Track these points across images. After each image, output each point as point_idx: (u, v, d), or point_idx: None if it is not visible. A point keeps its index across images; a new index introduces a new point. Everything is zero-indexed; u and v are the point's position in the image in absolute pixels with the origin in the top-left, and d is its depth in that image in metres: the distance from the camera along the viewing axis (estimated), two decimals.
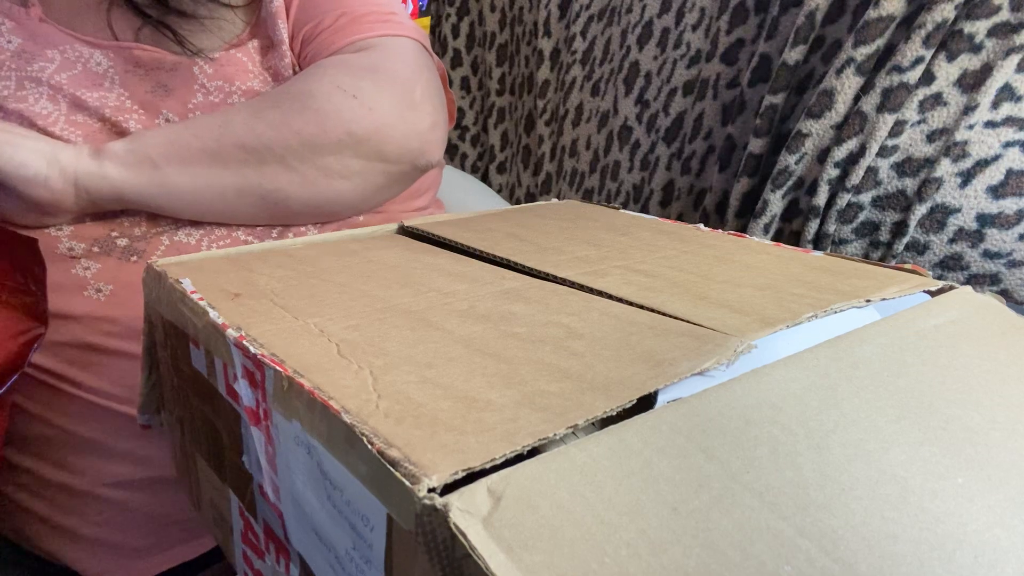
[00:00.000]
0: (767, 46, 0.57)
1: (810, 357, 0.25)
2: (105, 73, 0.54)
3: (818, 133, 0.53)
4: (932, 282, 0.33)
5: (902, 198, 0.51)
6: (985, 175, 0.48)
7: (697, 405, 0.22)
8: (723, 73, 0.62)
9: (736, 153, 0.61)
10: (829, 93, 0.51)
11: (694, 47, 0.66)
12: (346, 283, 0.34)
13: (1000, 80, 0.47)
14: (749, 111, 0.60)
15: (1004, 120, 0.48)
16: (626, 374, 0.23)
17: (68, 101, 0.52)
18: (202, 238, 0.52)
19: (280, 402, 0.25)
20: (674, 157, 0.68)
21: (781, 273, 0.35)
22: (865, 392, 0.24)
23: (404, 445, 0.20)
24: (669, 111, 0.68)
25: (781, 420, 0.22)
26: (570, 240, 0.41)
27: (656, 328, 0.28)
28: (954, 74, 0.48)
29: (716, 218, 0.64)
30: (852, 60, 0.50)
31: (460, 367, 0.25)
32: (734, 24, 0.61)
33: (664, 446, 0.20)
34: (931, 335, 0.28)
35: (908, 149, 0.51)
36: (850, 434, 0.22)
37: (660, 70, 0.70)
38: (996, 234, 0.49)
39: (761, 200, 0.56)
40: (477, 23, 1.01)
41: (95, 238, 0.50)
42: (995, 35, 0.47)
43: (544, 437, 0.20)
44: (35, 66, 0.52)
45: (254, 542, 0.34)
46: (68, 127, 0.51)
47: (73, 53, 0.53)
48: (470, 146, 1.08)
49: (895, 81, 0.49)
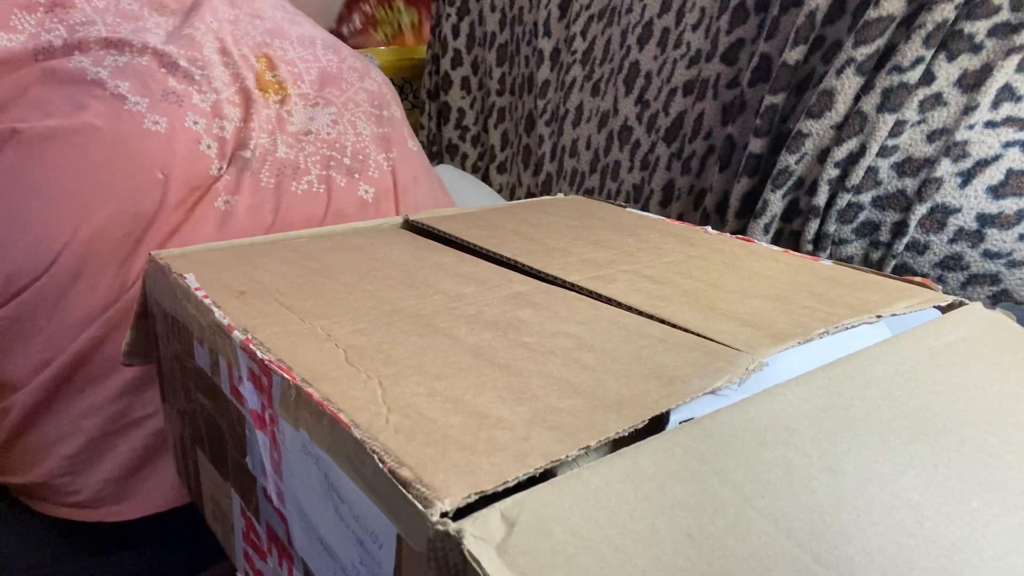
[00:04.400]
0: (767, 46, 0.57)
1: (822, 376, 0.25)
2: (140, 9, 0.53)
3: (818, 133, 0.53)
4: (942, 297, 0.33)
5: (902, 198, 0.52)
6: (985, 175, 0.49)
7: (710, 426, 0.22)
8: (723, 73, 0.63)
9: (736, 153, 0.61)
10: (829, 93, 0.52)
11: (694, 47, 0.66)
12: (351, 283, 0.34)
13: (1000, 80, 0.47)
14: (749, 111, 0.60)
15: (1004, 120, 0.48)
16: (638, 391, 0.23)
17: (131, 30, 0.51)
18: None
19: (287, 410, 0.25)
20: (674, 157, 0.69)
21: (790, 283, 0.34)
22: (878, 413, 0.24)
23: (416, 464, 0.19)
24: (669, 111, 0.69)
25: (795, 442, 0.22)
26: (576, 240, 0.41)
27: (667, 342, 0.27)
28: (954, 74, 0.49)
29: (716, 218, 0.64)
30: (852, 60, 0.50)
31: (470, 379, 0.24)
32: (734, 24, 0.61)
33: (678, 470, 0.20)
34: (943, 354, 0.28)
35: (908, 149, 0.51)
36: (864, 457, 0.22)
37: (660, 70, 0.71)
38: (996, 234, 0.49)
39: (761, 200, 0.57)
40: (477, 23, 1.01)
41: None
42: (995, 35, 0.47)
43: (557, 459, 0.20)
44: (76, 15, 0.50)
45: (256, 542, 0.34)
46: (153, 35, 0.51)
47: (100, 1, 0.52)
48: (470, 146, 1.08)
49: (895, 81, 0.49)
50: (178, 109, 0.48)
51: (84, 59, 0.48)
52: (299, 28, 0.61)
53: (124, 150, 0.46)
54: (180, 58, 0.51)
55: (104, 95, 0.47)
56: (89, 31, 0.50)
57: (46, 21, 0.50)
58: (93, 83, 0.47)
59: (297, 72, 0.57)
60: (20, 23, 0.49)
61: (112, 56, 0.49)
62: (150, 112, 0.48)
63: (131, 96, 0.48)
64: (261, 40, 0.57)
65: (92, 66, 0.48)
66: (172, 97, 0.49)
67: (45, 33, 0.49)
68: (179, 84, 0.49)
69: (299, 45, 0.59)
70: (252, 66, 0.54)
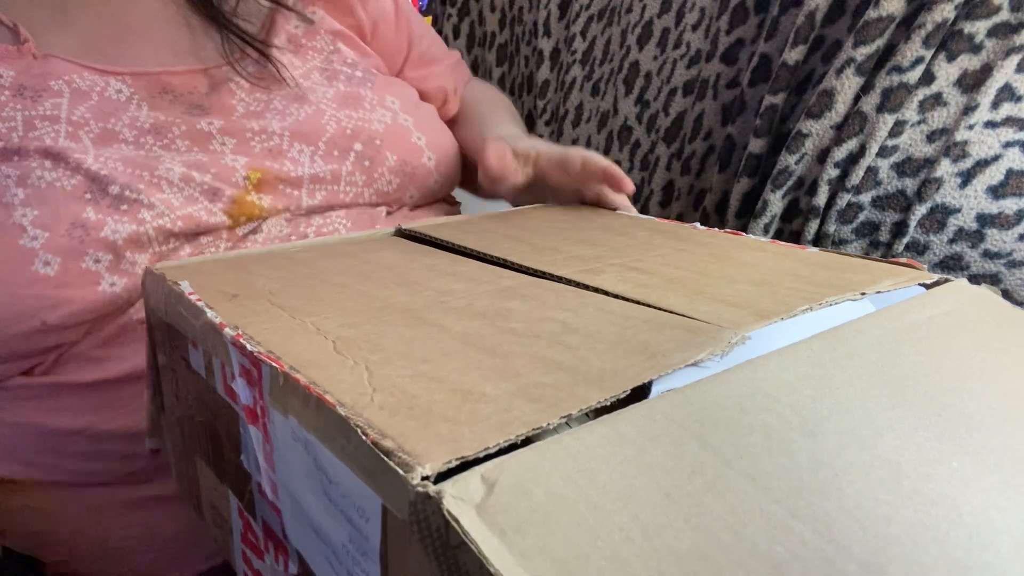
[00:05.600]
0: (767, 46, 0.57)
1: (804, 348, 0.25)
2: (129, 99, 0.49)
3: (818, 133, 0.53)
4: (927, 275, 0.33)
5: (902, 198, 0.52)
6: (985, 175, 0.49)
7: (691, 395, 0.22)
8: (723, 73, 0.63)
9: (736, 153, 0.62)
10: (829, 93, 0.52)
11: (694, 47, 0.66)
12: (344, 283, 0.34)
13: (1000, 80, 0.47)
14: (749, 111, 0.60)
15: (1004, 120, 0.48)
16: (620, 366, 0.24)
17: (95, 136, 0.46)
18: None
19: (276, 398, 0.25)
20: (674, 157, 0.69)
21: (776, 269, 0.35)
22: (859, 381, 0.24)
23: (398, 435, 0.20)
24: (669, 111, 0.69)
25: (775, 408, 0.22)
26: (566, 240, 0.42)
27: (651, 322, 0.28)
28: (954, 74, 0.49)
29: (716, 218, 0.64)
30: (852, 60, 0.50)
31: (456, 362, 0.25)
32: (734, 24, 0.61)
33: (658, 434, 0.20)
34: (926, 326, 0.28)
35: (908, 149, 0.51)
36: (844, 422, 0.22)
37: (660, 70, 0.71)
38: (996, 234, 0.49)
39: (761, 200, 0.57)
40: (477, 23, 1.01)
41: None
42: (995, 35, 0.47)
43: (538, 426, 0.20)
44: (45, 104, 0.46)
45: (253, 542, 0.34)
46: (99, 155, 0.46)
47: (83, 82, 0.48)
48: None
49: (895, 81, 0.49)
50: (79, 246, 0.43)
51: (12, 172, 0.44)
52: (344, 115, 0.54)
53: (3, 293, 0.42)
54: (117, 180, 0.45)
55: (6, 223, 0.43)
56: (42, 131, 0.45)
57: (6, 108, 0.46)
58: (2, 207, 0.43)
59: (296, 195, 0.51)
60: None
61: (44, 171, 0.44)
62: (44, 250, 0.43)
63: (31, 228, 0.43)
64: (273, 146, 0.51)
65: (14, 185, 0.43)
66: (78, 232, 0.43)
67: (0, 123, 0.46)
68: (94, 215, 0.44)
69: (324, 146, 0.53)
70: (234, 183, 0.49)
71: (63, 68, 0.48)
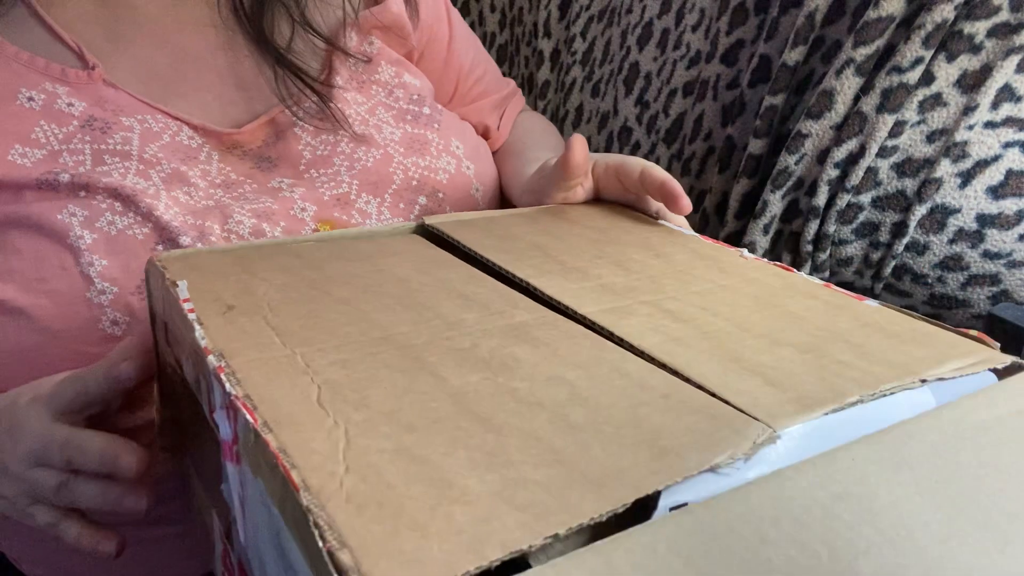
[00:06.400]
0: (767, 47, 0.56)
1: (845, 456, 0.21)
2: (200, 147, 0.46)
3: (818, 134, 0.52)
4: (999, 357, 0.28)
5: (902, 198, 0.51)
6: (985, 175, 0.48)
7: (703, 516, 0.18)
8: (723, 74, 0.62)
9: (736, 154, 0.60)
10: (829, 93, 0.51)
11: (694, 48, 0.65)
12: (347, 299, 0.31)
13: (1000, 80, 0.46)
14: (749, 112, 0.59)
15: (1004, 120, 0.47)
16: (625, 463, 0.20)
17: (165, 175, 0.43)
18: None
19: (248, 453, 0.23)
20: (674, 158, 0.68)
21: (827, 329, 0.30)
22: (908, 503, 0.20)
23: (359, 546, 0.17)
24: (669, 112, 0.68)
25: (802, 538, 0.18)
26: (598, 259, 0.37)
27: (671, 399, 0.24)
28: (954, 74, 0.48)
29: (716, 219, 0.63)
30: (852, 60, 0.49)
31: (444, 434, 0.22)
32: (734, 25, 0.60)
33: (658, 570, 0.17)
34: (993, 429, 0.23)
35: (908, 149, 0.51)
36: (886, 557, 0.18)
37: (660, 71, 0.70)
38: (996, 234, 0.49)
39: (761, 201, 0.56)
40: (477, 23, 1.00)
41: None
42: (995, 35, 0.46)
43: (518, 549, 0.17)
44: (116, 137, 0.43)
45: (230, 569, 0.32)
46: (170, 203, 0.42)
47: (156, 124, 0.45)
48: None
49: (895, 81, 0.48)
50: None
51: (79, 211, 0.41)
52: (411, 162, 0.51)
53: (61, 347, 0.39)
54: (187, 232, 0.41)
55: (72, 271, 0.39)
56: (111, 167, 0.42)
57: (74, 139, 0.42)
58: (68, 249, 0.40)
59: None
60: (45, 136, 0.42)
61: (115, 215, 0.41)
62: (112, 308, 0.39)
63: (99, 281, 0.40)
64: (342, 194, 0.48)
65: (80, 226, 0.40)
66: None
67: (67, 154, 0.42)
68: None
69: (391, 198, 0.50)
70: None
71: (135, 107, 0.44)
